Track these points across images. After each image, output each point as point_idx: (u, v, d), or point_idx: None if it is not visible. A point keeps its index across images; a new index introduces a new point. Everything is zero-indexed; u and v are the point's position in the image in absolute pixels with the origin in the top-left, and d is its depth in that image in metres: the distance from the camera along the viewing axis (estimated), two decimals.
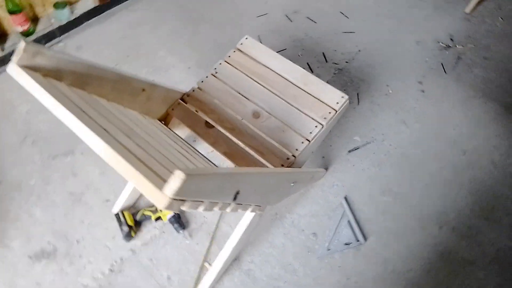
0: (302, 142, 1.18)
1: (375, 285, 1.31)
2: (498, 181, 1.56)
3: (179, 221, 1.36)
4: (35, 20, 1.99)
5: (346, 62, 1.98)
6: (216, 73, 1.33)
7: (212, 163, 1.18)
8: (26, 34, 1.90)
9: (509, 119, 1.77)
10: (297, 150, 1.17)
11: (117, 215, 1.36)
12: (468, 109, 1.80)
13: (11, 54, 1.79)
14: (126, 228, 1.32)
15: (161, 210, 1.38)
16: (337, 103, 1.24)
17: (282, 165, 1.15)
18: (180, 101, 1.28)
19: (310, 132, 1.20)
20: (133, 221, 1.36)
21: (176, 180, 0.61)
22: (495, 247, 1.40)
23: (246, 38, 1.40)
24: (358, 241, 1.39)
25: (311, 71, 1.94)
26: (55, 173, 1.51)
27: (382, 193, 1.52)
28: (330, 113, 1.22)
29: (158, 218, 1.37)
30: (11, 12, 1.81)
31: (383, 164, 1.60)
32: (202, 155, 1.22)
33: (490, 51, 2.06)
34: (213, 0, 2.23)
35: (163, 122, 1.30)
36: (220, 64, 1.35)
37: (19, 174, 1.50)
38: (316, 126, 1.21)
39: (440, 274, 1.34)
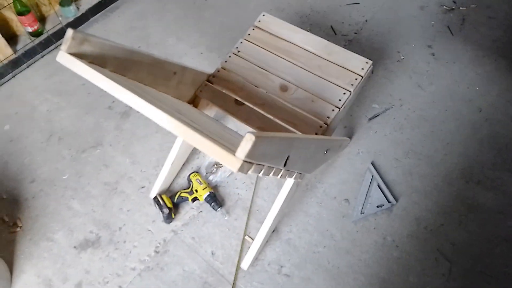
0: (333, 110, 1.22)
1: (410, 242, 1.36)
2: None
3: (216, 199, 1.40)
4: (42, 19, 1.99)
5: (355, 33, 2.01)
6: (238, 52, 1.36)
7: None
8: (35, 34, 1.91)
9: None
10: (328, 118, 1.21)
11: (155, 199, 1.39)
12: (479, 67, 1.84)
13: (24, 55, 1.80)
14: (166, 210, 1.35)
15: (196, 191, 1.41)
16: (362, 69, 1.27)
17: (316, 134, 1.18)
18: (207, 82, 1.31)
19: (340, 100, 1.23)
20: (171, 203, 1.39)
21: (248, 142, 0.65)
22: None
23: (264, 15, 1.42)
24: (389, 202, 1.44)
25: None
26: (86, 166, 1.54)
27: (406, 155, 1.57)
28: (356, 79, 1.26)
29: (195, 199, 1.41)
30: (20, 14, 1.81)
31: (404, 128, 1.64)
32: (236, 132, 1.26)
33: (493, 10, 2.09)
34: None
35: (192, 105, 1.33)
36: (241, 43, 1.37)
37: (51, 171, 1.53)
38: (344, 93, 1.24)
39: (470, 226, 1.40)
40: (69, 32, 0.79)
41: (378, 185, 1.48)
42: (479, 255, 1.34)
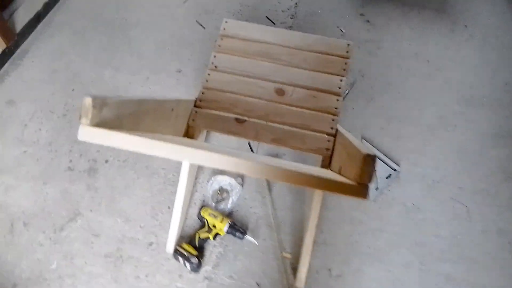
0: (337, 100, 1.19)
1: (426, 199, 1.43)
2: None
3: (237, 228, 1.29)
4: None
5: (291, 18, 1.99)
6: (216, 67, 1.24)
7: None
8: None
9: None
10: (336, 109, 1.18)
11: (176, 252, 1.23)
12: (410, 22, 1.98)
13: None
14: (195, 260, 1.21)
15: (214, 226, 1.29)
16: (347, 51, 1.26)
17: (332, 128, 1.14)
18: (196, 108, 1.18)
19: (339, 87, 1.21)
20: (195, 249, 1.25)
21: (370, 164, 0.58)
22: None
23: (226, 22, 1.31)
24: (394, 170, 1.48)
25: None
26: (73, 244, 1.29)
27: (387, 121, 1.62)
28: (346, 63, 1.24)
29: (216, 235, 1.29)
30: None
31: (374, 97, 1.69)
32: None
33: None
34: (125, 1, 2.01)
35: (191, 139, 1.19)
36: (215, 57, 1.26)
37: (33, 265, 1.25)
38: (341, 80, 1.22)
39: (468, 167, 1.51)
40: (87, 100, 0.62)
41: (378, 157, 1.51)
42: (488, 191, 1.46)
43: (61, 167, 1.45)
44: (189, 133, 1.19)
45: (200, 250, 1.27)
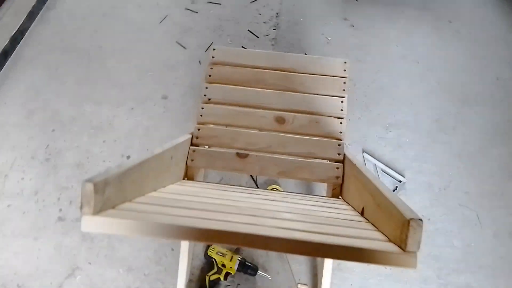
0: (341, 123, 1.13)
1: (435, 209, 1.40)
2: None
3: (248, 265, 1.23)
4: None
5: (274, 29, 1.93)
6: (209, 99, 1.17)
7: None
8: None
9: None
10: (341, 133, 1.12)
11: None
12: (394, 23, 1.95)
13: None
14: None
15: (224, 265, 1.22)
16: (344, 70, 1.21)
17: (339, 154, 1.09)
18: (193, 147, 1.10)
19: (341, 110, 1.15)
20: None
21: (418, 229, 0.53)
22: None
23: (214, 50, 1.23)
24: (400, 181, 1.44)
25: None
26: None
27: (386, 130, 1.59)
28: (344, 83, 1.19)
29: (227, 275, 1.22)
30: None
31: (369, 105, 1.66)
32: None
33: None
34: (97, 28, 1.90)
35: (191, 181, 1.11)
36: (207, 88, 1.18)
37: None
38: (342, 102, 1.16)
39: (472, 169, 1.49)
40: (88, 187, 0.54)
41: (383, 170, 1.47)
42: (494, 192, 1.44)
43: (51, 218, 1.35)
44: (188, 174, 1.11)
45: None
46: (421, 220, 0.53)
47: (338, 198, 1.07)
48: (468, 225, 1.37)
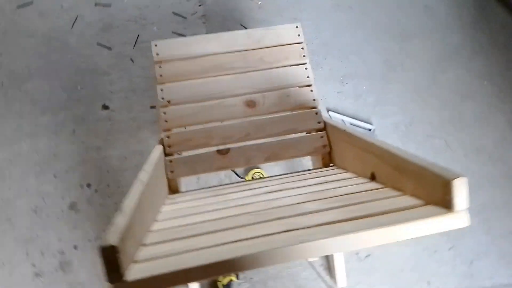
0: (311, 90, 1.09)
1: (408, 145, 1.45)
2: None
3: None
4: None
5: (200, 5, 1.79)
6: (168, 101, 1.05)
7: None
8: None
9: None
10: (314, 100, 1.09)
11: None
12: None
13: None
14: None
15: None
16: (298, 35, 1.15)
17: (319, 122, 1.06)
18: (169, 157, 1.00)
19: (308, 77, 1.11)
20: None
21: (463, 187, 0.51)
22: None
23: (156, 45, 1.10)
24: (370, 130, 1.47)
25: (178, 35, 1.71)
26: None
27: (342, 83, 1.59)
28: (302, 48, 1.14)
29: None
30: None
31: (319, 62, 1.63)
32: None
33: None
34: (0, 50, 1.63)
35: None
36: (162, 90, 1.06)
37: None
38: (306, 68, 1.12)
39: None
40: (109, 250, 0.45)
41: (351, 124, 1.48)
42: (453, 116, 1.52)
43: (27, 278, 1.19)
44: (171, 187, 1.02)
45: None
46: (464, 176, 0.52)
47: (329, 166, 1.05)
48: (440, 152, 1.44)
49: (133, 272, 0.49)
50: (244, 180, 1.36)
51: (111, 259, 0.46)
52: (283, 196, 0.78)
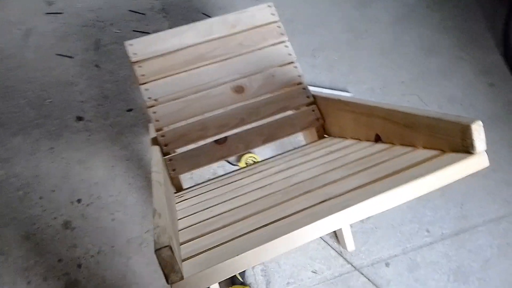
0: (295, 67, 1.11)
1: None
2: None
3: None
4: None
5: None
6: (155, 100, 1.03)
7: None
8: None
9: None
10: (299, 76, 1.10)
11: None
12: None
13: None
14: None
15: None
16: (272, 14, 1.15)
17: (308, 97, 1.08)
18: (167, 157, 0.98)
19: (289, 54, 1.12)
20: None
21: (480, 129, 0.55)
22: None
23: (131, 44, 1.06)
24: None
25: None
26: None
27: (313, 56, 1.61)
28: (279, 27, 1.14)
29: None
30: None
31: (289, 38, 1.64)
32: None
33: None
34: None
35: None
36: (147, 89, 1.03)
37: None
38: (286, 46, 1.12)
39: None
40: (165, 252, 0.45)
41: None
42: (422, 72, 1.59)
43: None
44: (174, 185, 1.01)
45: None
46: (479, 120, 0.55)
47: (324, 137, 1.08)
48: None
49: (187, 270, 0.49)
50: (238, 167, 1.36)
51: (168, 260, 0.45)
52: (298, 171, 0.79)
